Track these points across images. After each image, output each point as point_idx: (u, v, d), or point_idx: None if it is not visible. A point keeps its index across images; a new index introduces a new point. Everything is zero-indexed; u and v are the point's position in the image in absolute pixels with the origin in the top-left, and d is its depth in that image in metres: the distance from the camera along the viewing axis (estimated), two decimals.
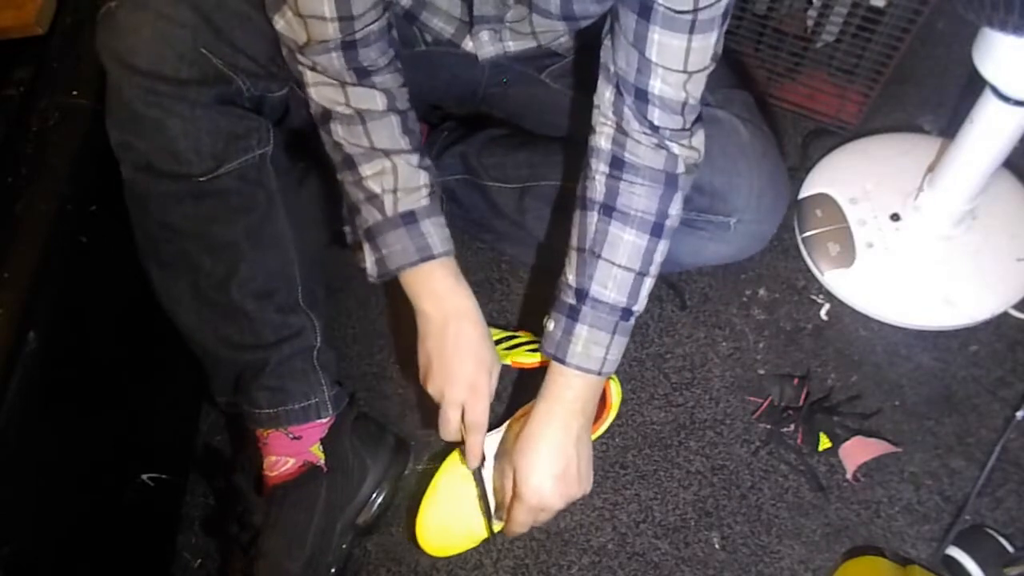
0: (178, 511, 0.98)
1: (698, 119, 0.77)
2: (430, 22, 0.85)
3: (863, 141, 1.11)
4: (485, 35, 0.85)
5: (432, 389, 0.82)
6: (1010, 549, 0.84)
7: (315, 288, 0.89)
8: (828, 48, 1.07)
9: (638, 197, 0.77)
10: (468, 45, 0.87)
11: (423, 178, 0.79)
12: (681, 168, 0.77)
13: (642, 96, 0.72)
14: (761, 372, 1.00)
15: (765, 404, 0.97)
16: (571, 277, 0.80)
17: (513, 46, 0.88)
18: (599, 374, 0.80)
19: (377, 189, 0.77)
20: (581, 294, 0.79)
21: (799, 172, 1.10)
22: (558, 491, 0.80)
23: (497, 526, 0.87)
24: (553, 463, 0.79)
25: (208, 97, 0.76)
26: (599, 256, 0.78)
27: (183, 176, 0.77)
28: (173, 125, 0.75)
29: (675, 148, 0.76)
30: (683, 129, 0.75)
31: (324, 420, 0.87)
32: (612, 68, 0.74)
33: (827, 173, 1.09)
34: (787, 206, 0.94)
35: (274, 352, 0.84)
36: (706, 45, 0.68)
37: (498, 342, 0.93)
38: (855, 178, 1.07)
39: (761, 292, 1.05)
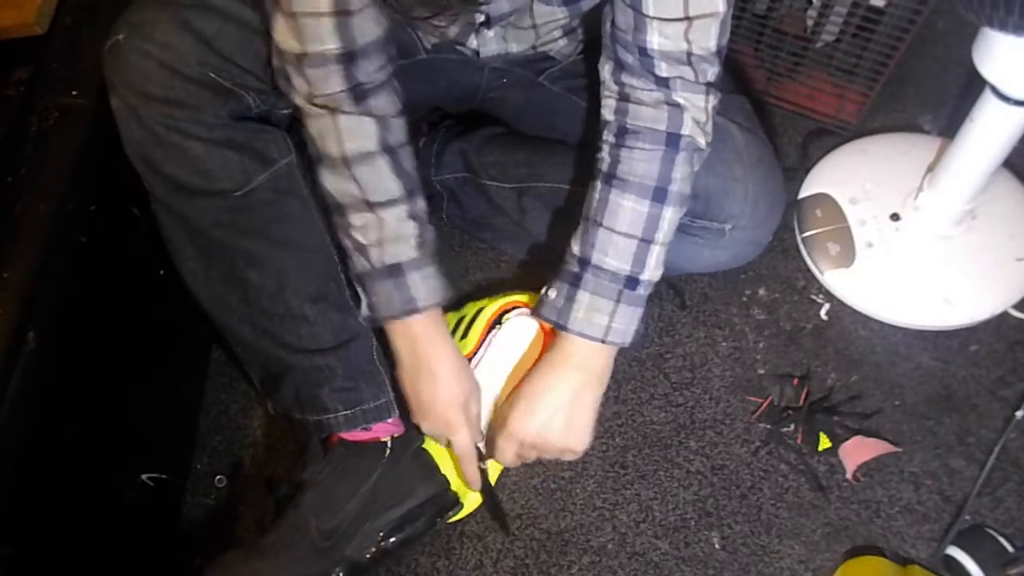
0: (178, 511, 0.98)
1: (717, 87, 0.75)
2: (436, 20, 0.85)
3: (863, 141, 1.11)
4: (490, 32, 0.85)
5: (415, 422, 0.85)
6: (1010, 549, 0.84)
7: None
8: (828, 48, 1.07)
9: (638, 162, 0.76)
10: (473, 43, 0.87)
11: (411, 228, 0.77)
12: (687, 128, 0.75)
13: (644, 53, 0.72)
14: (761, 372, 1.00)
15: (765, 404, 0.97)
16: (575, 247, 0.81)
17: (515, 43, 0.88)
18: (603, 341, 0.79)
19: (363, 240, 0.77)
20: (584, 263, 0.79)
21: (799, 172, 1.10)
22: (542, 434, 0.82)
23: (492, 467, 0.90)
24: (540, 409, 0.81)
25: (223, 115, 0.76)
26: (600, 224, 0.78)
27: (218, 192, 0.78)
28: (194, 146, 0.76)
29: (682, 100, 0.74)
30: (695, 82, 0.73)
31: (392, 420, 0.87)
32: (612, 33, 0.73)
33: (827, 173, 1.09)
34: (782, 213, 0.94)
35: (341, 354, 0.84)
36: None
37: (454, 331, 0.93)
38: (855, 178, 1.07)
39: (761, 292, 1.05)
